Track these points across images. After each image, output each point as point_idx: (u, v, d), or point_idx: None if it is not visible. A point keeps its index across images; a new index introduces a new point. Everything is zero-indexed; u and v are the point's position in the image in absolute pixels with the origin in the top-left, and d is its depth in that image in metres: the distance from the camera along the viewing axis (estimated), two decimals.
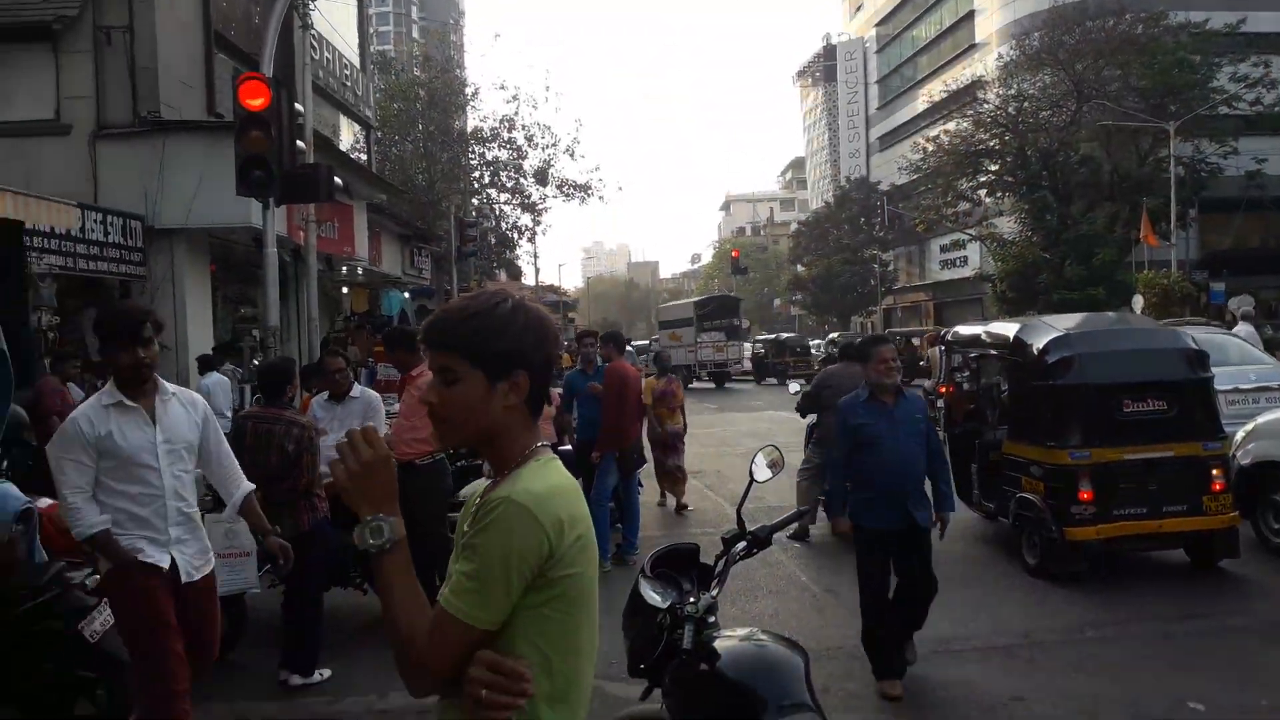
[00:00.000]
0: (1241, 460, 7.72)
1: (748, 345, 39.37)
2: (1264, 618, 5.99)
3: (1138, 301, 32.13)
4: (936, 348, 13.05)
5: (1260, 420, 8.09)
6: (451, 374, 1.71)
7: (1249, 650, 5.39)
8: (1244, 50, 35.03)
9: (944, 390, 9.92)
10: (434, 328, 1.76)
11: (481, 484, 6.67)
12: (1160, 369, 7.14)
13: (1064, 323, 7.93)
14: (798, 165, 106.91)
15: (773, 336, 41.25)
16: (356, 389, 6.27)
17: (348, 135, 23.42)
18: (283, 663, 5.28)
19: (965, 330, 9.49)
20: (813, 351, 35.45)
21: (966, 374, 9.27)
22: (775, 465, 3.61)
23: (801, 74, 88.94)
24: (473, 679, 1.55)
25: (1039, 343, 7.29)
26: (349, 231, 17.36)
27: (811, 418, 9.02)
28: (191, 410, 3.88)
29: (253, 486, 4.19)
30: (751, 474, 3.54)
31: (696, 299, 44.08)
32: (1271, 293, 40.84)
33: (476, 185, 32.81)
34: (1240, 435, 7.98)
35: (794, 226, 75.41)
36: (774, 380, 33.16)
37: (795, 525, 7.47)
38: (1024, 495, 7.18)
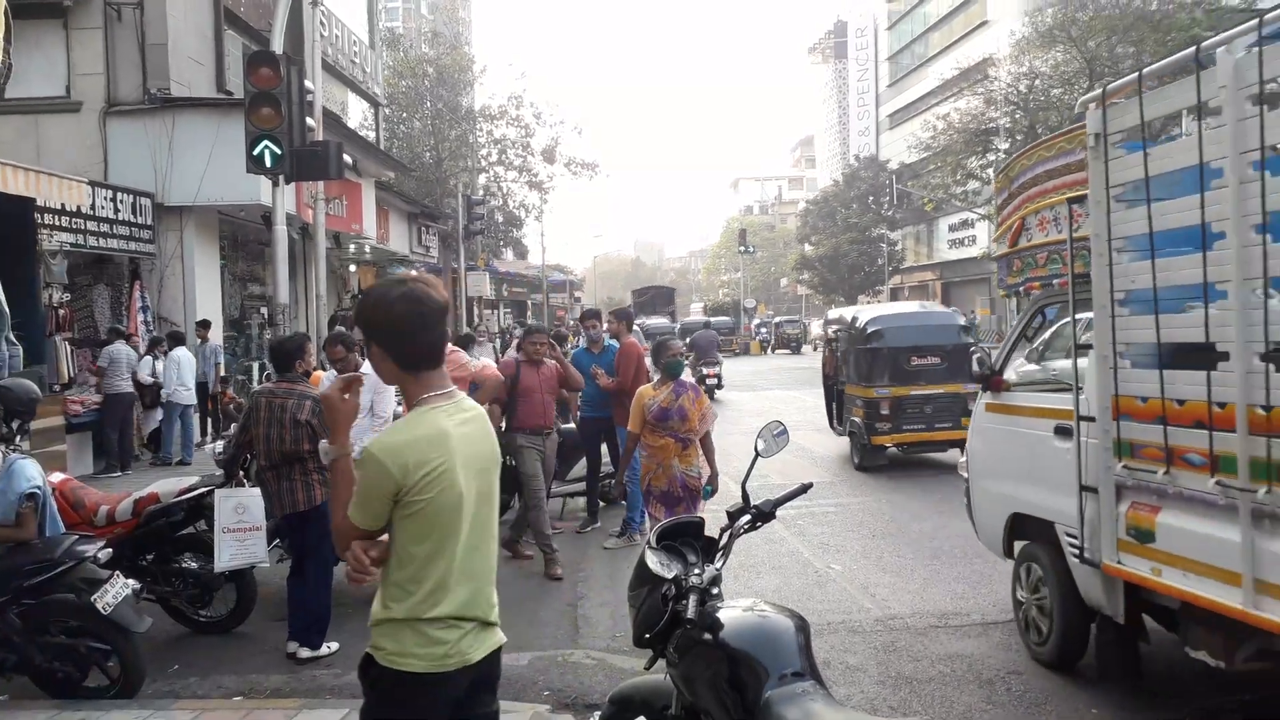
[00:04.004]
0: None
1: None
2: None
3: None
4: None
5: None
6: (367, 342, 2.43)
7: None
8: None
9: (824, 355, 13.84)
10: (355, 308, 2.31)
11: None
12: (936, 337, 11.22)
13: (880, 310, 12.73)
14: (807, 143, 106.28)
15: (699, 319, 44.81)
16: (366, 366, 6.33)
17: (356, 112, 23.38)
18: (291, 635, 5.37)
19: (833, 314, 14.25)
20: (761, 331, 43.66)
21: (833, 343, 12.88)
22: (780, 437, 3.65)
23: (813, 50, 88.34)
24: (348, 557, 2.32)
25: (862, 321, 11.50)
26: (357, 209, 17.40)
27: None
28: None
29: None
30: (756, 449, 3.59)
31: (635, 289, 48.43)
32: None
33: (484, 163, 32.78)
34: None
35: (802, 205, 75.10)
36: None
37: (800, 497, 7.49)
38: (853, 418, 11.50)
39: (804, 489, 3.50)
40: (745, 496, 3.28)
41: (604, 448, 8.54)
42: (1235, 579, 3.50)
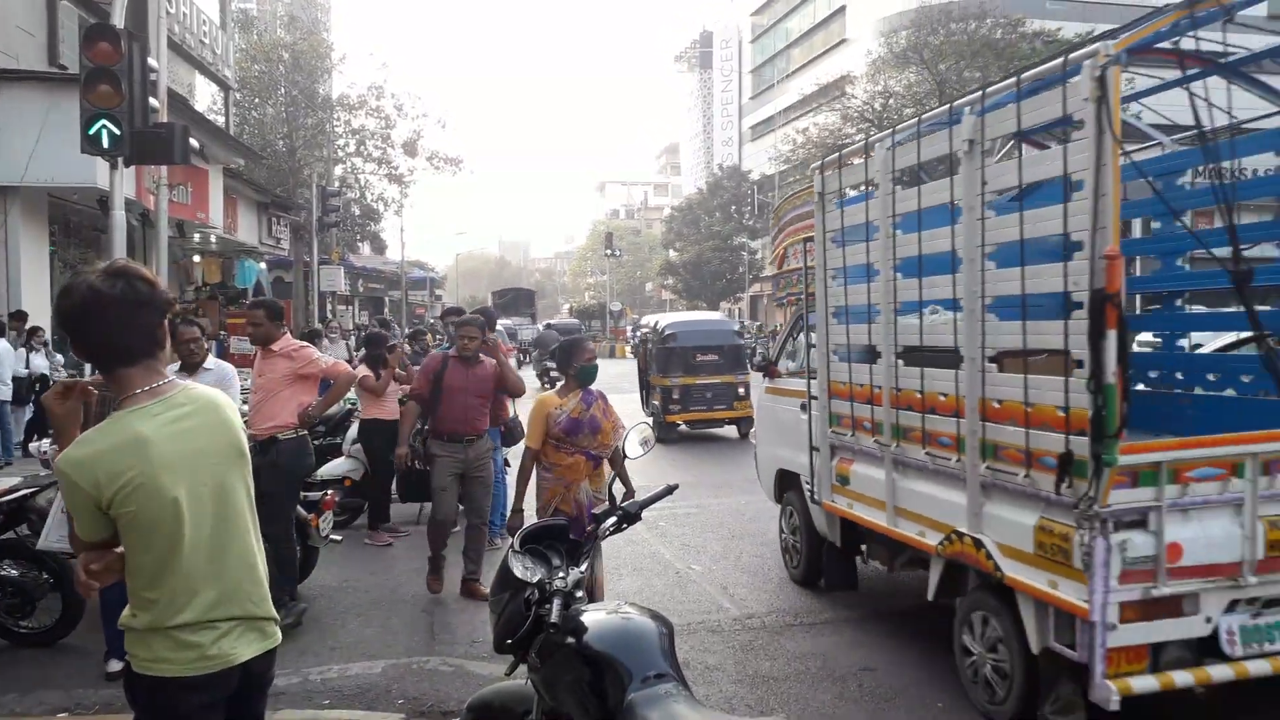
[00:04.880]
0: None
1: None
2: None
3: None
4: None
5: None
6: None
7: None
8: None
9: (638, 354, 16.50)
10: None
11: (340, 463, 6.46)
12: (716, 339, 14.63)
13: (675, 317, 16.75)
14: (673, 150, 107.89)
15: (556, 321, 46.70)
16: (210, 360, 5.98)
17: (205, 95, 22.28)
18: (108, 652, 4.94)
19: (644, 320, 17.94)
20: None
21: (644, 344, 15.84)
22: (647, 443, 3.65)
23: (679, 58, 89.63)
24: (76, 568, 2.32)
25: (661, 326, 15.05)
26: (203, 197, 16.52)
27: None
28: None
29: None
30: (623, 451, 3.57)
31: (495, 289, 51.00)
32: None
33: (341, 154, 31.74)
34: None
35: (667, 211, 76.11)
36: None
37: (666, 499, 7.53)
38: (654, 402, 14.62)
39: (669, 490, 3.50)
40: (611, 498, 3.26)
41: None
42: (883, 506, 5.23)
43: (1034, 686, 4.13)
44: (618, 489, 3.85)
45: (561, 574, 2.94)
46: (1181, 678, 3.79)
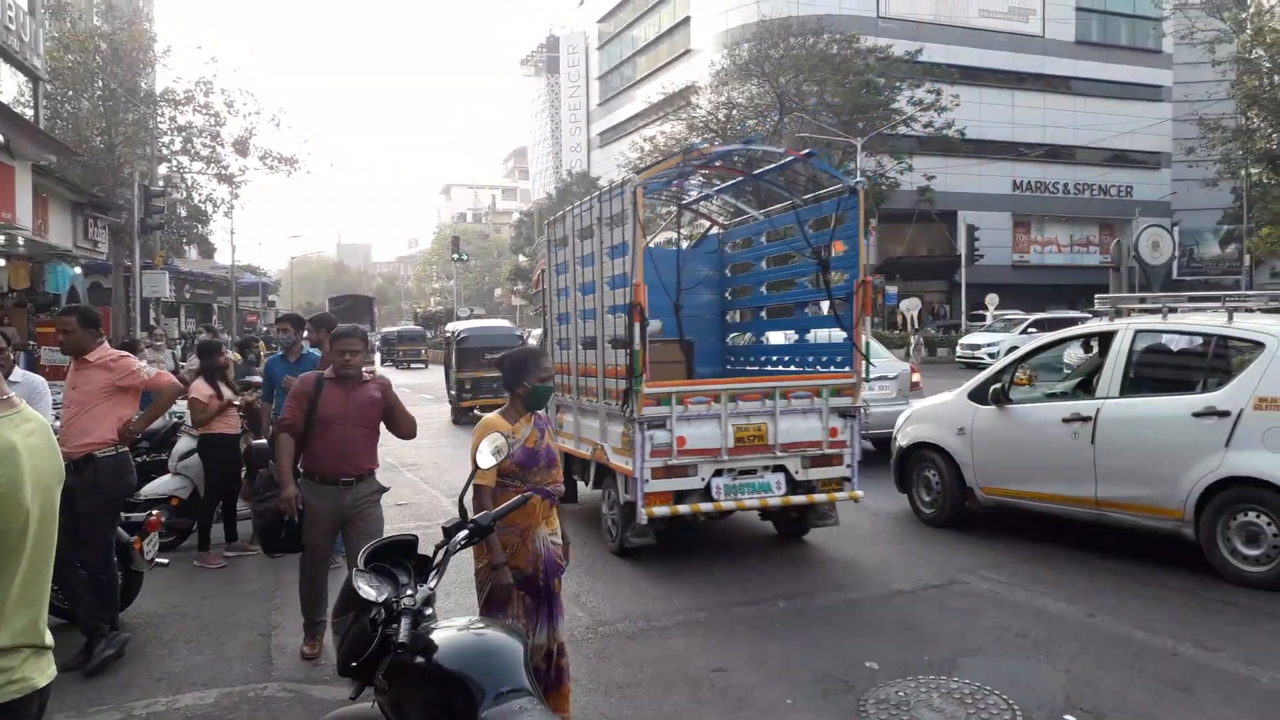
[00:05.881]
0: (900, 442, 8.95)
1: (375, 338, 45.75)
2: (923, 582, 6.76)
3: (824, 304, 35.18)
4: None
5: (915, 406, 9.27)
6: None
7: (918, 615, 6.07)
8: (920, 77, 39.51)
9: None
10: None
11: (166, 481, 6.02)
12: (500, 341, 16.56)
13: (469, 324, 21.22)
14: (520, 154, 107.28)
15: (395, 329, 48.78)
16: (18, 373, 5.50)
17: (11, 86, 20.58)
18: None
19: (447, 327, 21.88)
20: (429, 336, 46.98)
21: (448, 345, 19.94)
22: (500, 452, 3.57)
23: (525, 62, 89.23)
24: None
25: (458, 331, 19.32)
26: (9, 195, 15.20)
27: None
28: None
29: None
30: (475, 462, 3.48)
31: (332, 296, 51.90)
32: (935, 295, 46.40)
33: (166, 152, 29.91)
34: (900, 420, 9.22)
35: (516, 216, 75.54)
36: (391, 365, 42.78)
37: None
38: (452, 391, 18.90)
39: (524, 500, 3.44)
40: (463, 511, 3.17)
41: None
42: (573, 438, 8.39)
43: (627, 524, 7.28)
44: (468, 500, 3.74)
45: (410, 591, 2.84)
46: (685, 510, 7.03)
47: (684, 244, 10.36)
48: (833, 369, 7.92)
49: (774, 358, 9.28)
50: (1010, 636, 5.57)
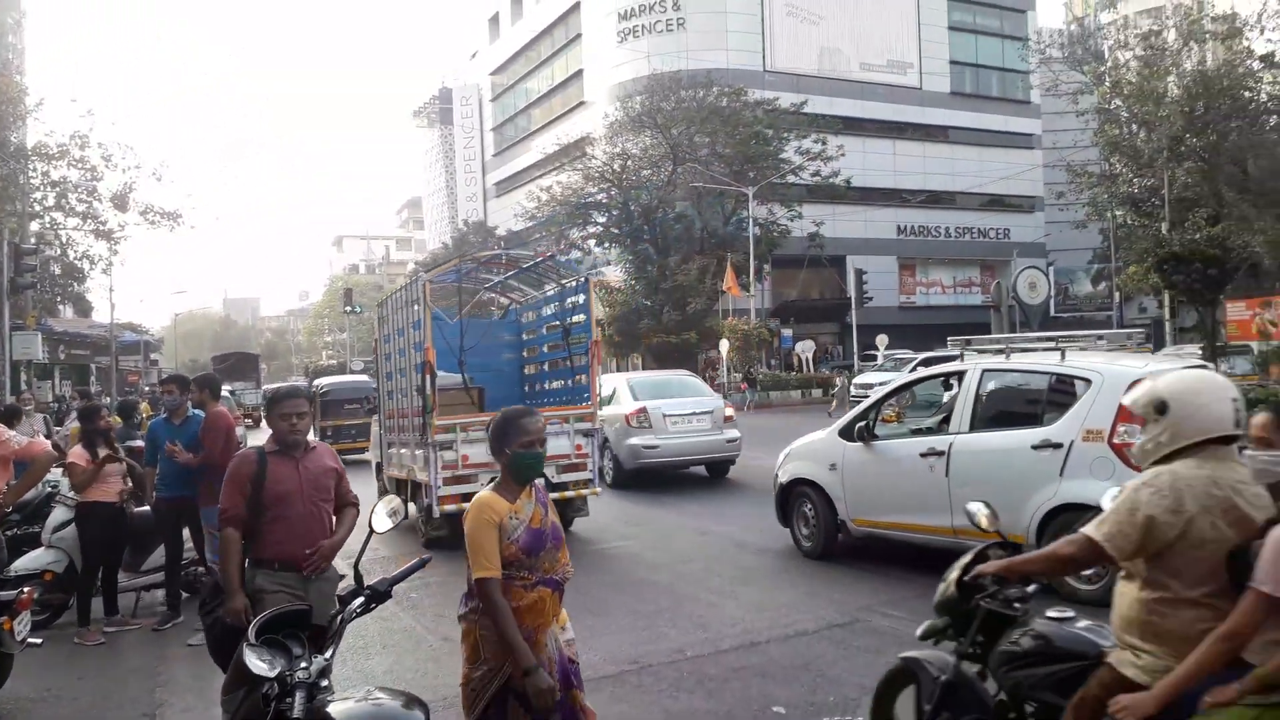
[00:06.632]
0: (781, 478, 9.29)
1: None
2: (826, 621, 6.84)
3: (724, 345, 35.85)
4: None
5: (793, 445, 9.51)
6: None
7: (822, 656, 6.13)
8: (806, 128, 40.92)
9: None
10: None
11: (39, 555, 5.77)
12: (357, 393, 20.06)
13: (332, 379, 25.06)
14: (415, 205, 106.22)
15: (281, 385, 48.85)
16: None
17: None
18: None
19: (316, 382, 23.95)
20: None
21: (315, 397, 19.73)
22: (396, 514, 3.49)
23: (418, 113, 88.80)
24: None
25: (320, 386, 22.00)
26: None
27: None
28: None
29: None
30: (371, 525, 3.40)
31: (215, 354, 52.19)
32: (828, 337, 47.65)
33: (38, 207, 28.64)
34: (780, 457, 9.54)
35: (411, 266, 74.58)
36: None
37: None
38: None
39: (421, 564, 3.37)
40: (359, 578, 3.08)
41: (185, 531, 7.68)
42: (395, 465, 11.20)
43: (429, 522, 9.84)
44: (364, 564, 3.63)
45: (304, 664, 2.75)
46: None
47: (495, 316, 13.63)
48: (581, 402, 10.53)
49: (554, 397, 11.74)
50: None
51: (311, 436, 4.51)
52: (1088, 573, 6.56)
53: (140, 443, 8.21)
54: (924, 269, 53.12)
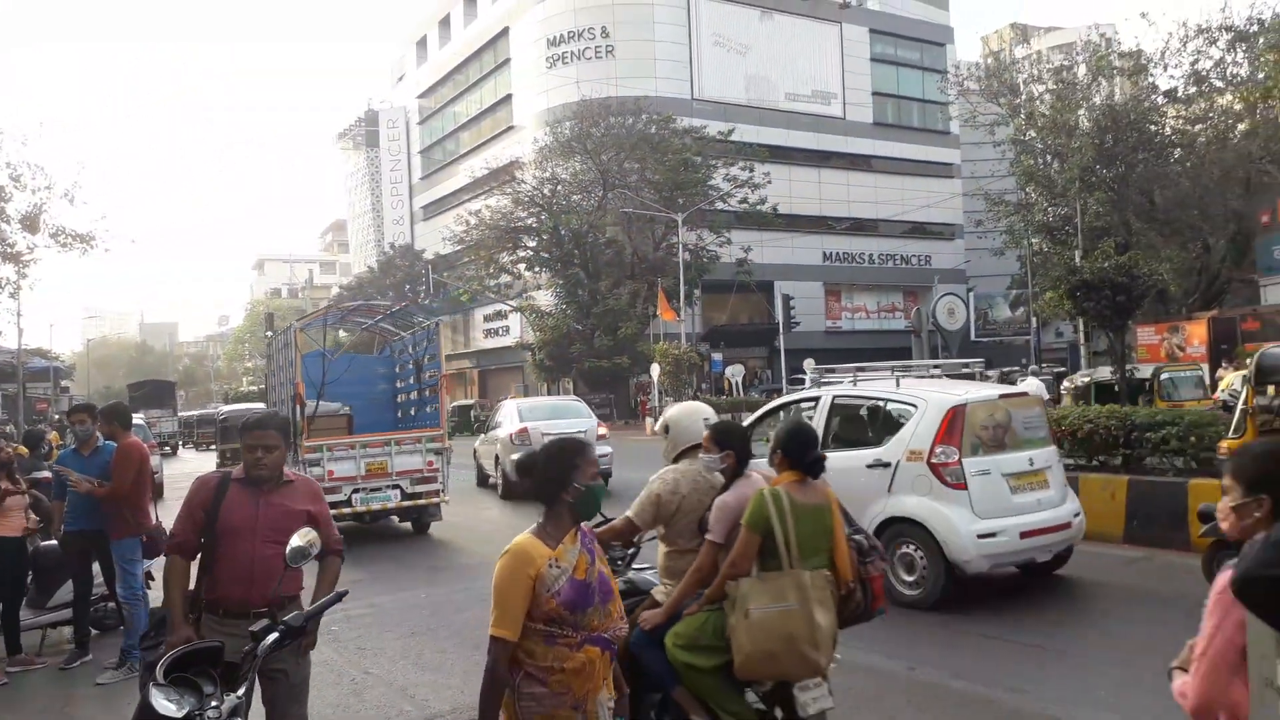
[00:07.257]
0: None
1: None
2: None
3: (655, 370, 35.97)
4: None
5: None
6: None
7: None
8: (734, 156, 41.48)
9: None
10: None
11: None
12: (271, 422, 20.25)
13: (234, 407, 32.40)
14: (339, 228, 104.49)
15: (195, 413, 49.78)
16: None
17: None
18: None
19: (220, 410, 32.83)
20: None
21: (221, 424, 24.47)
22: (313, 545, 3.40)
23: (343, 136, 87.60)
24: None
25: (220, 412, 27.57)
26: None
27: None
28: None
29: None
30: (285, 559, 3.30)
31: (131, 382, 52.51)
32: (758, 361, 48.14)
33: None
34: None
35: (336, 290, 73.47)
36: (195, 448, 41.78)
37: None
38: (218, 462, 22.32)
39: (338, 598, 3.28)
40: (272, 613, 2.99)
41: (95, 566, 7.37)
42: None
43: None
44: (305, 604, 3.53)
45: (215, 703, 2.65)
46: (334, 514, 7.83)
47: (375, 352, 16.10)
48: (434, 425, 12.70)
49: (418, 422, 13.67)
50: (841, 694, 5.71)
51: (293, 470, 4.10)
52: (911, 578, 7.36)
53: (47, 474, 7.87)
54: (849, 294, 54.10)
